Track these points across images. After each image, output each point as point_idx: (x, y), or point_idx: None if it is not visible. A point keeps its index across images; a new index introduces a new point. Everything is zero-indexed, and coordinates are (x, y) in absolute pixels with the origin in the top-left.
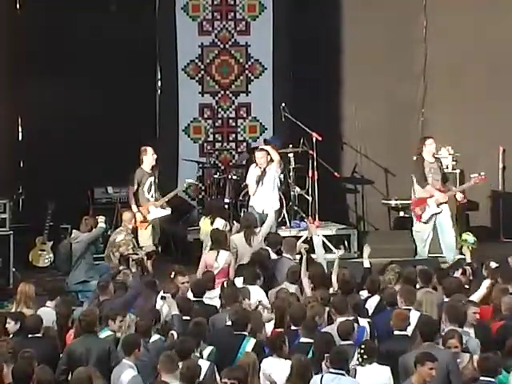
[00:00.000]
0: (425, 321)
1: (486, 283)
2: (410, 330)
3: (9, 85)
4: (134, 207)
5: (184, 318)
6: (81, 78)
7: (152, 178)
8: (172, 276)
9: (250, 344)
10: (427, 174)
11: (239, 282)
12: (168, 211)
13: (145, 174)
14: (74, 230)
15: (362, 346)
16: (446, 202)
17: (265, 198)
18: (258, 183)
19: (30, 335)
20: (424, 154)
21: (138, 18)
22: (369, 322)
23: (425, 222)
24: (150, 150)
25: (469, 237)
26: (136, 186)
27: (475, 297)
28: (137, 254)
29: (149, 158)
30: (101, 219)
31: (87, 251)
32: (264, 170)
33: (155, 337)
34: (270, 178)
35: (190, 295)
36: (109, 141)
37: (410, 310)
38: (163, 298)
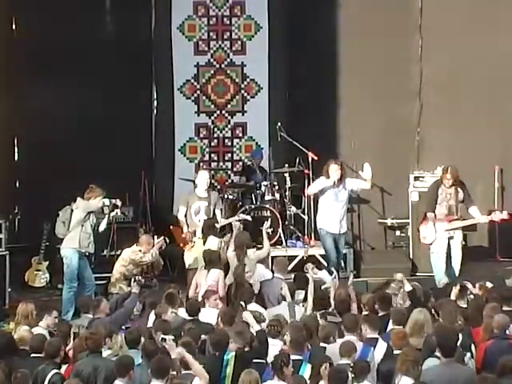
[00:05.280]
0: (444, 336)
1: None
2: None
3: (5, 105)
4: (184, 228)
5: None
6: (76, 98)
7: (204, 203)
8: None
9: (230, 357)
10: (441, 201)
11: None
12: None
13: (193, 197)
14: (78, 198)
15: (352, 365)
16: (459, 229)
17: (339, 217)
18: (327, 198)
19: (32, 355)
20: (443, 180)
21: (134, 37)
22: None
23: (429, 244)
24: (202, 173)
25: None
26: (184, 208)
27: None
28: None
29: (202, 178)
30: (112, 201)
31: (86, 220)
32: (339, 185)
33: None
34: (346, 196)
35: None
36: (105, 161)
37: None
38: (163, 339)
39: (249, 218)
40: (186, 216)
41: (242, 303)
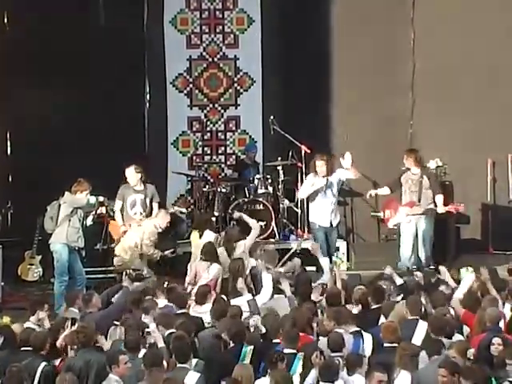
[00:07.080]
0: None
1: (470, 278)
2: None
3: None
4: (119, 221)
5: (168, 331)
6: (69, 92)
7: (140, 196)
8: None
9: (248, 350)
10: (405, 187)
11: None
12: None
13: (129, 190)
14: (66, 192)
15: (345, 358)
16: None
17: (330, 210)
18: (316, 194)
19: (22, 348)
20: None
21: (126, 31)
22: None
23: (392, 227)
24: (129, 168)
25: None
26: (120, 202)
27: (459, 293)
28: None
29: (128, 175)
30: (98, 199)
31: (73, 214)
32: (327, 180)
33: (143, 351)
34: (335, 190)
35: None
36: (98, 155)
37: (417, 320)
38: (148, 333)
39: (183, 209)
40: (122, 210)
41: (224, 297)
